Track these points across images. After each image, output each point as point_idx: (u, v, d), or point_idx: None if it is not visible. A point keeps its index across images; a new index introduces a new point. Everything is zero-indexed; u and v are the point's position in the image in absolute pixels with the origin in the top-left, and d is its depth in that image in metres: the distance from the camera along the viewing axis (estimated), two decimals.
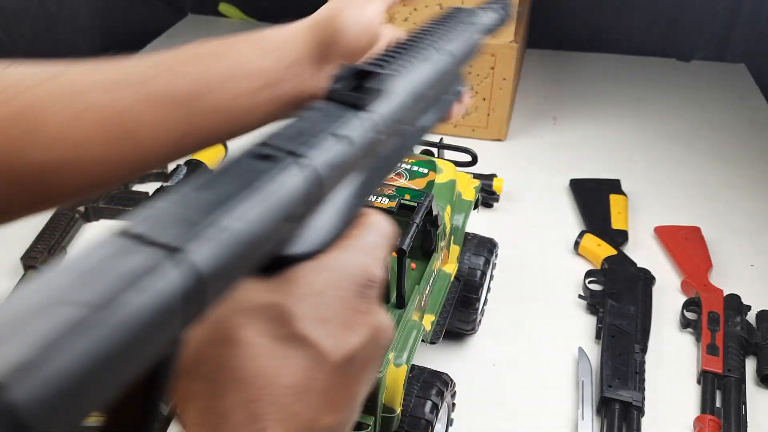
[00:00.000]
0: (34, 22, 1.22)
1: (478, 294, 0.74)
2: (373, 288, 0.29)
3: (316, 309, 0.26)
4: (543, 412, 0.71)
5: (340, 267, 0.28)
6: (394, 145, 0.34)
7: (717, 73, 1.42)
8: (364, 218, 0.31)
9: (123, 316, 0.17)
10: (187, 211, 0.21)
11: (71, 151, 0.38)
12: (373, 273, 0.29)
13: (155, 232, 0.20)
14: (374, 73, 0.32)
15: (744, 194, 1.05)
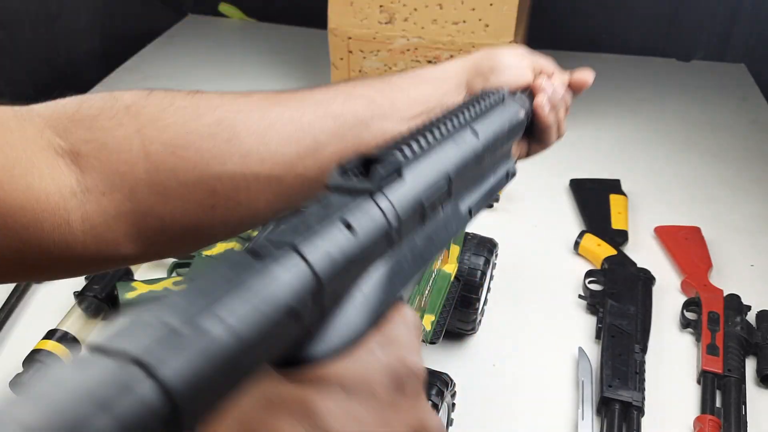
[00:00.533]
0: (34, 22, 1.22)
1: (478, 294, 0.74)
2: (412, 379, 0.27)
3: (346, 406, 0.24)
4: (543, 412, 0.71)
5: (372, 360, 0.26)
6: (427, 233, 0.32)
7: (717, 73, 1.42)
8: (391, 311, 0.29)
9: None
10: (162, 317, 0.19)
11: (261, 165, 0.40)
12: (410, 361, 0.27)
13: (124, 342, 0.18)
14: (382, 159, 0.30)
15: (744, 194, 1.05)
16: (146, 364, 0.17)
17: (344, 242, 0.26)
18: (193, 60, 1.46)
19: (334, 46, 1.16)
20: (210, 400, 0.19)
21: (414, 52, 1.13)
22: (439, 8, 1.08)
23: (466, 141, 0.37)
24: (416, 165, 0.32)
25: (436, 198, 0.33)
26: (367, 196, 0.28)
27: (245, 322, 0.21)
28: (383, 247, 0.29)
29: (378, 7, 1.10)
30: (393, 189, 0.30)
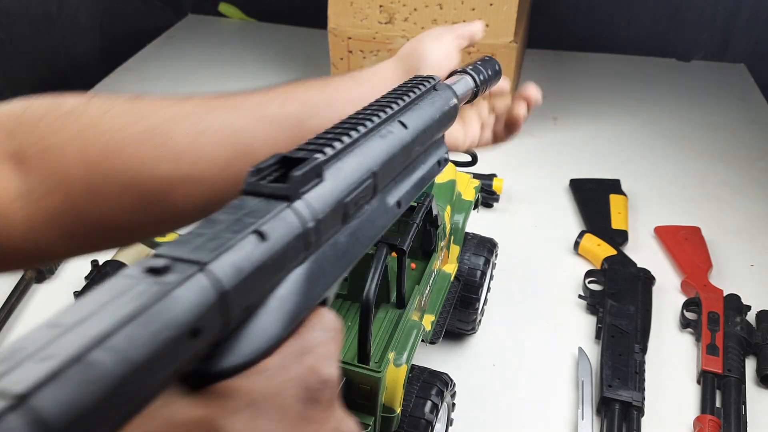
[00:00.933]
0: (34, 22, 1.22)
1: (478, 294, 0.74)
2: (325, 390, 0.26)
3: (255, 424, 0.24)
4: (543, 412, 0.71)
5: (281, 372, 0.25)
6: (351, 229, 0.32)
7: (717, 73, 1.43)
8: (310, 316, 0.28)
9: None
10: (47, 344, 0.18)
11: (194, 167, 0.42)
12: (323, 372, 0.26)
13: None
14: (301, 160, 0.29)
15: (744, 194, 1.05)
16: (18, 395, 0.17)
17: (255, 252, 0.25)
18: (193, 60, 1.46)
19: (334, 46, 1.16)
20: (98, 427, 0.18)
21: None
22: (439, 8, 1.09)
23: (393, 133, 0.36)
24: (338, 164, 0.31)
25: (359, 196, 0.32)
26: (283, 202, 0.27)
27: (137, 346, 0.20)
28: (300, 251, 0.27)
29: (378, 7, 1.10)
30: (312, 192, 0.29)
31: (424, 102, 0.41)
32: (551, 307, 0.84)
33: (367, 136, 0.34)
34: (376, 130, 0.35)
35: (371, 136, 0.34)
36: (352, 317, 0.59)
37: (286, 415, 0.25)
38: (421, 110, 0.40)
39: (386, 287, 0.57)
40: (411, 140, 0.37)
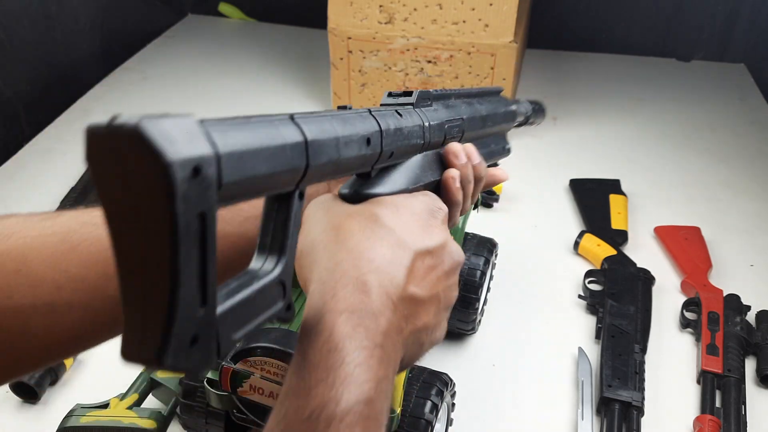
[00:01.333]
0: (34, 22, 1.22)
1: (478, 294, 0.74)
2: (439, 213, 0.39)
3: (397, 216, 0.37)
4: (543, 412, 0.71)
5: (413, 198, 0.39)
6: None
7: (717, 73, 1.43)
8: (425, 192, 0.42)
9: None
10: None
11: (59, 293, 0.37)
12: (437, 204, 0.40)
13: None
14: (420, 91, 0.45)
15: (744, 194, 1.05)
16: None
17: (393, 120, 0.39)
18: (193, 60, 1.46)
19: (334, 46, 1.16)
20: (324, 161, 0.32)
21: (414, 52, 1.13)
22: (438, 8, 1.08)
23: (473, 105, 0.52)
24: (441, 101, 0.47)
25: (455, 128, 0.47)
26: (410, 107, 0.43)
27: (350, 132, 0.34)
28: (419, 138, 0.41)
29: (378, 7, 1.10)
30: (426, 108, 0.44)
31: (492, 98, 0.58)
32: (551, 307, 0.84)
33: (459, 99, 0.50)
34: (463, 98, 0.51)
35: (461, 101, 0.50)
36: None
37: (416, 218, 0.37)
38: (490, 102, 0.56)
39: None
40: (485, 114, 0.53)
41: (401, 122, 0.39)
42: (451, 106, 0.48)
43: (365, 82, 1.19)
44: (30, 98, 1.21)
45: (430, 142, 0.43)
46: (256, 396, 0.51)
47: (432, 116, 0.44)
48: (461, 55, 1.11)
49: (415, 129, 0.41)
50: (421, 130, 0.42)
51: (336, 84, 1.21)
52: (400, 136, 0.39)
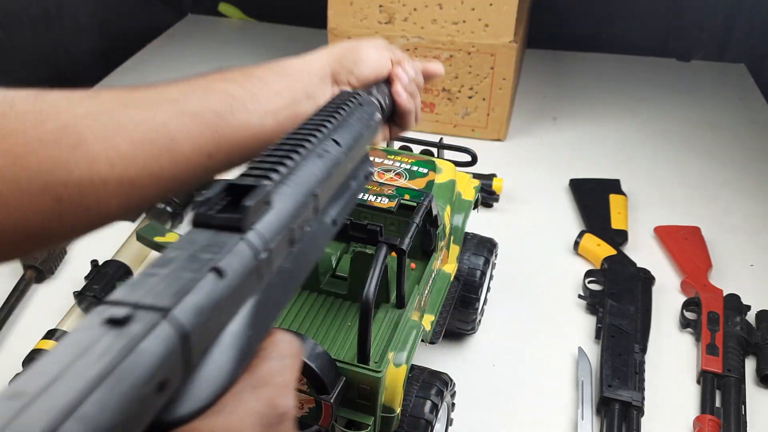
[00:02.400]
0: (34, 22, 1.22)
1: (478, 294, 0.74)
2: (284, 422, 0.27)
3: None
4: (543, 412, 0.71)
5: (239, 408, 0.25)
6: (295, 254, 0.31)
7: (717, 73, 1.42)
8: (264, 344, 0.28)
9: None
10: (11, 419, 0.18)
11: (113, 168, 0.39)
12: (280, 405, 0.27)
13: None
14: (250, 187, 0.28)
15: (744, 194, 1.05)
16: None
17: (215, 291, 0.24)
18: (193, 60, 1.46)
19: None
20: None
21: (414, 52, 1.13)
22: (438, 8, 1.08)
23: (330, 153, 0.36)
24: (283, 188, 0.31)
25: (303, 220, 0.32)
26: (236, 234, 0.27)
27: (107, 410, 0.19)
28: (253, 284, 0.27)
29: (378, 7, 1.10)
30: (261, 221, 0.28)
31: (353, 118, 0.41)
32: (551, 307, 0.84)
33: (306, 156, 0.34)
34: (313, 149, 0.35)
35: (310, 157, 0.34)
36: (352, 317, 0.59)
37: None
38: (351, 127, 0.40)
39: (386, 287, 0.57)
40: (345, 158, 0.37)
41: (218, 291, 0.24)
42: (299, 182, 0.32)
43: None
44: None
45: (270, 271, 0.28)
46: None
47: (271, 231, 0.28)
48: (461, 55, 1.11)
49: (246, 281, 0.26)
50: (256, 271, 0.27)
51: None
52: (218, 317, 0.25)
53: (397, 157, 0.74)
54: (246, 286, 0.26)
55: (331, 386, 0.49)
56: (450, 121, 1.19)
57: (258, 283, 0.27)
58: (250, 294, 0.27)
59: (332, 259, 0.64)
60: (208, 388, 0.24)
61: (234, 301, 0.25)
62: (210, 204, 0.27)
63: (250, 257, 0.26)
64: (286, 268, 0.30)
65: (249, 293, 0.27)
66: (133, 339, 0.20)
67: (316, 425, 0.51)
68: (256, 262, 0.27)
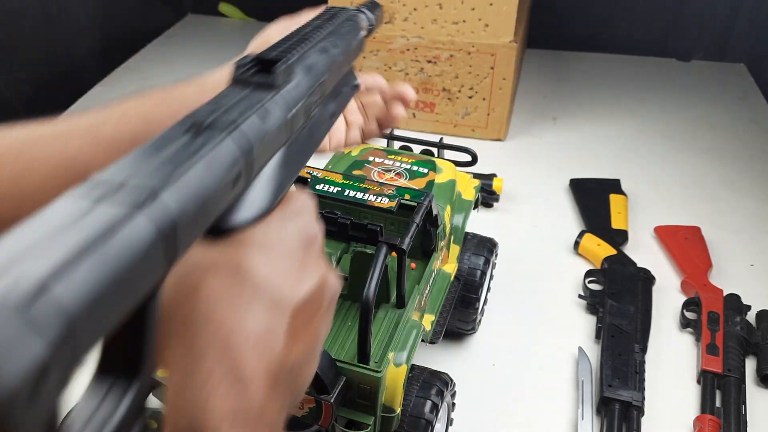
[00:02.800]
0: (34, 22, 1.22)
1: (478, 294, 0.74)
2: (315, 244, 0.32)
3: (268, 261, 0.29)
4: (543, 412, 0.71)
5: (283, 228, 0.31)
6: (308, 127, 0.37)
7: (717, 73, 1.42)
8: (290, 192, 0.34)
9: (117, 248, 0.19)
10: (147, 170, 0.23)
11: (20, 210, 0.37)
12: (312, 231, 0.32)
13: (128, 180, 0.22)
14: (276, 60, 0.34)
15: (744, 194, 1.05)
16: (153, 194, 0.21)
17: (262, 127, 0.30)
18: (193, 60, 1.46)
19: None
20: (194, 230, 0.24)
21: (414, 52, 1.13)
22: (438, 8, 1.08)
23: (329, 51, 0.40)
24: (300, 68, 0.36)
25: (314, 100, 0.37)
26: (272, 92, 0.32)
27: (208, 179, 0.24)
28: (284, 134, 0.33)
29: None
30: (288, 86, 0.34)
31: (344, 28, 0.46)
32: (551, 307, 0.84)
33: (314, 49, 0.39)
34: (317, 45, 0.39)
35: (316, 50, 0.39)
36: (352, 317, 0.59)
37: (291, 258, 0.30)
38: (343, 36, 0.44)
39: (386, 287, 0.57)
40: (342, 58, 0.42)
41: (266, 127, 0.30)
42: (311, 66, 0.37)
43: None
44: (30, 98, 1.21)
45: (293, 130, 0.34)
46: None
47: (295, 95, 0.34)
48: (461, 54, 1.11)
49: (281, 128, 0.32)
50: (287, 125, 0.33)
51: None
52: (266, 147, 0.30)
53: (398, 157, 0.74)
54: (282, 134, 0.32)
55: (332, 386, 0.49)
56: (450, 121, 1.19)
57: (287, 135, 0.33)
58: (282, 142, 0.33)
59: (332, 259, 0.64)
60: (256, 206, 0.30)
61: (275, 140, 0.31)
62: (245, 68, 0.33)
63: (283, 109, 0.32)
64: (302, 137, 0.36)
65: (282, 140, 0.32)
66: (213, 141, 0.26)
67: (316, 425, 0.51)
68: (288, 115, 0.32)
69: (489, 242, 0.77)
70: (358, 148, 0.76)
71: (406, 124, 1.21)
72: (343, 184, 0.61)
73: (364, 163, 0.72)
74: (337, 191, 0.60)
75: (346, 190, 0.61)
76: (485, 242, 0.76)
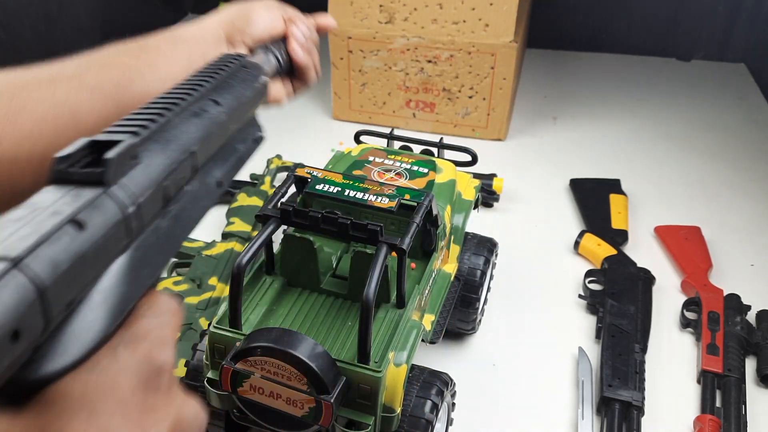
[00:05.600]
0: (34, 22, 1.22)
1: (478, 294, 0.74)
2: (163, 376, 0.26)
3: (94, 422, 0.22)
4: (543, 412, 0.71)
5: (114, 364, 0.24)
6: (174, 213, 0.31)
7: (717, 73, 1.43)
8: (141, 303, 0.27)
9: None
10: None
11: (19, 146, 0.40)
12: (157, 358, 0.26)
13: None
14: (113, 142, 0.27)
15: (744, 194, 1.05)
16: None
17: (73, 243, 0.23)
18: None
19: (334, 46, 1.16)
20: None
21: (414, 52, 1.13)
22: (439, 8, 1.08)
23: (207, 111, 0.35)
24: (153, 145, 0.30)
25: (179, 176, 0.31)
26: (99, 188, 0.26)
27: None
28: (121, 239, 0.27)
29: (378, 7, 1.10)
30: (128, 175, 0.27)
31: (235, 80, 0.40)
32: (551, 307, 0.84)
33: (181, 115, 0.33)
34: (188, 109, 0.34)
35: (185, 115, 0.33)
36: (352, 317, 0.59)
37: (127, 408, 0.23)
38: (233, 88, 0.39)
39: (386, 287, 0.57)
40: (226, 118, 0.37)
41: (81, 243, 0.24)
42: (172, 139, 0.31)
43: (365, 81, 1.19)
44: None
45: (140, 229, 0.28)
46: (256, 396, 0.51)
47: (138, 185, 0.28)
48: (461, 54, 1.11)
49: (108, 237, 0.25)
50: (123, 226, 0.26)
51: (336, 84, 1.21)
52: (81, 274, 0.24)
53: (398, 156, 0.74)
54: (112, 241, 0.26)
55: (332, 386, 0.49)
56: (450, 120, 1.19)
57: (127, 238, 0.27)
58: (119, 249, 0.26)
59: (332, 259, 0.64)
60: (79, 344, 0.23)
61: (98, 255, 0.25)
62: (71, 160, 0.26)
63: (114, 211, 0.26)
64: (164, 227, 0.30)
65: (117, 248, 0.26)
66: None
67: (317, 425, 0.51)
68: (123, 216, 0.26)
69: (489, 242, 0.77)
70: (358, 148, 0.76)
71: (406, 124, 1.21)
72: (343, 184, 0.61)
73: (364, 163, 0.72)
74: (337, 191, 0.60)
75: (346, 190, 0.61)
76: (485, 242, 0.76)
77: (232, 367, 0.51)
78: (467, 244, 0.75)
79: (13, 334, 0.20)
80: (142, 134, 0.29)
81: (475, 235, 0.77)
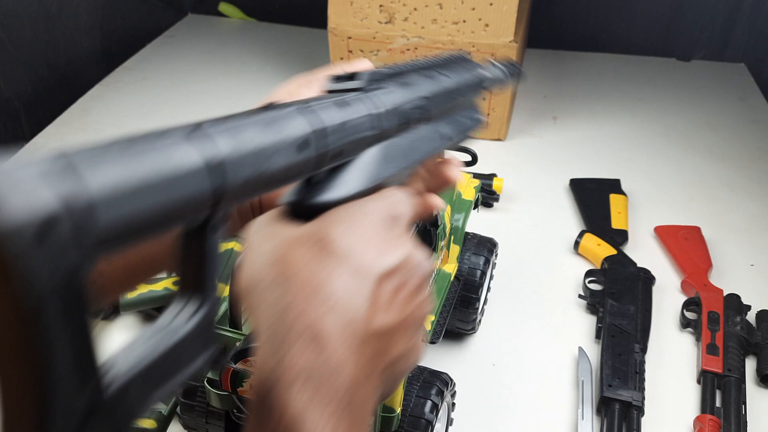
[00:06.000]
0: (34, 22, 1.22)
1: (478, 294, 0.74)
2: (400, 221, 0.34)
3: (349, 233, 0.31)
4: (543, 412, 0.71)
5: (368, 204, 0.33)
6: (411, 138, 0.40)
7: (717, 73, 1.43)
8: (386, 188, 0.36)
9: None
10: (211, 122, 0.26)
11: None
12: (398, 209, 0.34)
13: None
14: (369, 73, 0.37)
15: (744, 194, 1.05)
16: None
17: (339, 113, 0.33)
18: (193, 60, 1.46)
19: (334, 46, 1.16)
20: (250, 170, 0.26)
21: (414, 52, 1.13)
22: (439, 8, 1.08)
23: (438, 78, 0.44)
24: (395, 84, 0.39)
25: (413, 109, 0.40)
26: (358, 93, 0.36)
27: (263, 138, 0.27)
28: (370, 130, 0.35)
29: (378, 7, 1.10)
30: (379, 91, 0.37)
31: (461, 66, 0.49)
32: (551, 307, 0.84)
33: (417, 73, 0.42)
34: (422, 72, 0.43)
35: (419, 75, 0.42)
36: None
37: (373, 230, 0.32)
38: (459, 71, 0.48)
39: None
40: (454, 87, 0.46)
41: (345, 114, 0.33)
42: (410, 84, 0.40)
43: None
44: (30, 98, 1.21)
45: (386, 131, 0.36)
46: None
47: (386, 100, 0.37)
48: None
49: (364, 120, 0.34)
50: (373, 119, 0.35)
51: None
52: (345, 132, 0.32)
53: None
54: (366, 125, 0.35)
55: None
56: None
57: (373, 130, 0.35)
58: (370, 139, 0.35)
59: None
60: (344, 189, 0.33)
61: (354, 128, 0.34)
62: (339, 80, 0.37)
63: (369, 105, 0.35)
64: (403, 144, 0.39)
65: (368, 136, 0.35)
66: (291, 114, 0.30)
67: None
68: (375, 112, 0.35)
69: (489, 242, 0.77)
70: None
71: None
72: None
73: None
74: None
75: None
76: (485, 242, 0.76)
77: (232, 367, 0.51)
78: (467, 244, 0.75)
79: (300, 145, 0.29)
80: (387, 71, 0.39)
81: (475, 235, 0.77)
